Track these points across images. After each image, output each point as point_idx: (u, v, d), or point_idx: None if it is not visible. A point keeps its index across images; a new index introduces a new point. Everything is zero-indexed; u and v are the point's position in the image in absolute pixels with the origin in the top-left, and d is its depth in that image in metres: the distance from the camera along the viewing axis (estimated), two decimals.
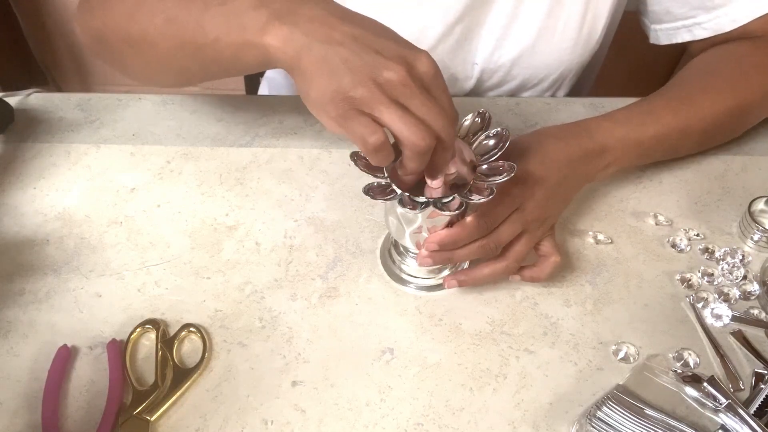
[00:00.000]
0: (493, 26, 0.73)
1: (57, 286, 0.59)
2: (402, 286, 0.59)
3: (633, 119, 0.62)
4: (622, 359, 0.54)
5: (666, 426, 0.49)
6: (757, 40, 0.69)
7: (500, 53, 0.75)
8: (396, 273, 0.60)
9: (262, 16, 0.45)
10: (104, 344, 0.55)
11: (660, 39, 0.76)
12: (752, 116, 0.69)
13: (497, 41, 0.74)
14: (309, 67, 0.44)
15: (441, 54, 0.74)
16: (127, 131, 0.73)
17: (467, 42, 0.74)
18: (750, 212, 0.61)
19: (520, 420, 0.51)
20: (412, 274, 0.59)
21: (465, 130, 0.53)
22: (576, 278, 0.60)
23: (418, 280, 0.59)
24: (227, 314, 0.57)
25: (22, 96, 0.76)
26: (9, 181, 0.68)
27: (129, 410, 0.51)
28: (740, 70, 0.67)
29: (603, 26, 0.75)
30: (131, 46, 0.56)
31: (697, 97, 0.64)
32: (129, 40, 0.56)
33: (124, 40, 0.57)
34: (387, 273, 0.60)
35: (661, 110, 0.63)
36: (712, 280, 0.60)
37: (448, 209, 0.48)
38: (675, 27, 0.73)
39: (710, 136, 0.67)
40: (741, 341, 0.55)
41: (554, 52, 0.75)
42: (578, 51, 0.76)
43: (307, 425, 0.51)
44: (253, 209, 0.65)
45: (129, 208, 0.65)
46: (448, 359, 0.55)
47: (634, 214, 0.65)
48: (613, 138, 0.60)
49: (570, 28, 0.73)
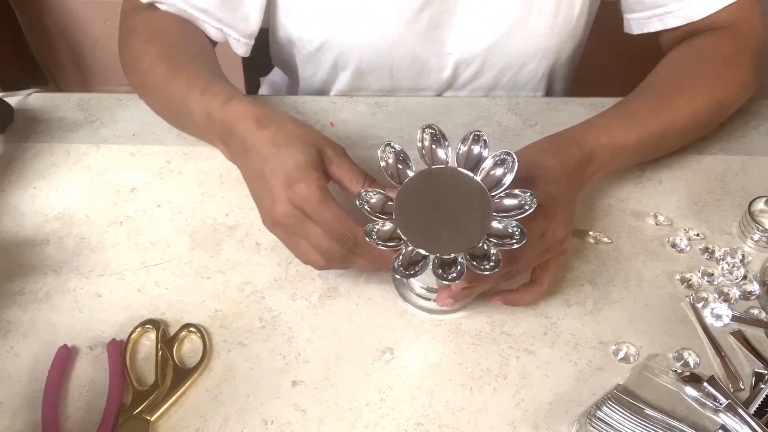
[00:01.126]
0: (464, 14, 0.73)
1: (57, 286, 0.59)
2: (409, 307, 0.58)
3: (615, 124, 0.61)
4: (622, 359, 0.54)
5: (666, 426, 0.49)
6: (724, 31, 0.69)
7: (474, 42, 0.75)
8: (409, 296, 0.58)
9: (215, 133, 0.60)
10: (104, 344, 0.55)
11: (632, 28, 0.76)
12: (728, 109, 0.69)
13: (469, 30, 0.74)
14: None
15: (411, 42, 0.74)
16: (127, 131, 0.73)
17: (438, 30, 0.74)
18: (750, 212, 0.61)
19: (520, 420, 0.51)
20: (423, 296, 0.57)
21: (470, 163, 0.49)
22: (576, 278, 0.60)
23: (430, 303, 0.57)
24: (227, 314, 0.57)
25: (22, 96, 0.76)
26: (9, 181, 0.68)
27: (129, 410, 0.51)
28: (713, 65, 0.67)
29: (579, 12, 0.74)
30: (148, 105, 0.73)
31: (676, 96, 0.64)
32: (144, 101, 0.73)
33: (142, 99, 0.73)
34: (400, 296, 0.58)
35: (641, 113, 0.63)
36: (712, 280, 0.60)
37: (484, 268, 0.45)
38: (647, 16, 0.73)
39: (690, 133, 0.67)
40: (741, 341, 0.55)
41: (530, 39, 0.75)
42: (555, 38, 0.75)
43: (307, 425, 0.51)
44: (253, 209, 0.65)
45: (129, 208, 0.65)
46: (448, 359, 0.55)
47: (634, 214, 0.65)
48: (599, 145, 0.59)
49: (545, 15, 0.73)
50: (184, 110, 0.62)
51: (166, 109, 0.69)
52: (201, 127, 0.61)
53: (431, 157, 0.50)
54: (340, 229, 0.50)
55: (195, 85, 0.61)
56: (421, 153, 0.50)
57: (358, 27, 0.73)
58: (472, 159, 0.49)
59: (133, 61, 0.69)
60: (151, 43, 0.68)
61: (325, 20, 0.73)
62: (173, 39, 0.68)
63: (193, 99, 0.60)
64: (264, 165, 0.52)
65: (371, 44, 0.74)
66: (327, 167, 0.53)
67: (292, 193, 0.50)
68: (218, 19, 0.70)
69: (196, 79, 0.61)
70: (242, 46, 0.73)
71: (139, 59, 0.68)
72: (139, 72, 0.68)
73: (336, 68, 0.78)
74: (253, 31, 0.73)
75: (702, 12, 0.69)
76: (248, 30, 0.72)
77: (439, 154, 0.50)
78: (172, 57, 0.66)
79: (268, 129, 0.54)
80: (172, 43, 0.68)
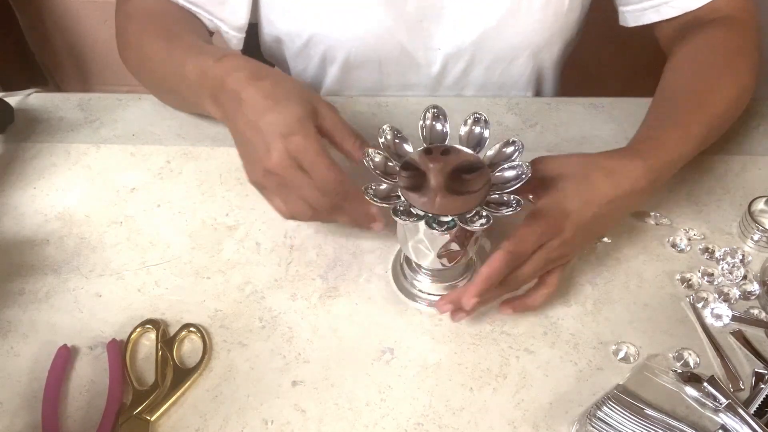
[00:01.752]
0: (452, 7, 0.73)
1: (57, 286, 0.59)
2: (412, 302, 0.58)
3: (672, 137, 0.59)
4: (622, 359, 0.54)
5: (666, 426, 0.49)
6: (726, 22, 0.69)
7: (462, 36, 0.75)
8: (407, 289, 0.59)
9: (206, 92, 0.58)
10: (104, 344, 0.55)
11: (628, 21, 0.75)
12: (748, 97, 0.68)
13: (457, 23, 0.74)
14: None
15: (398, 35, 0.74)
16: (127, 131, 0.73)
17: (425, 23, 0.74)
18: (750, 212, 0.61)
19: (520, 420, 0.51)
20: (423, 290, 0.58)
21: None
22: (576, 278, 0.60)
23: (430, 296, 0.58)
24: (227, 314, 0.57)
25: (22, 96, 0.76)
26: (9, 181, 0.68)
27: (129, 410, 0.51)
28: (729, 57, 0.67)
29: (569, 6, 0.74)
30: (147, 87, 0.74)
31: (708, 96, 0.63)
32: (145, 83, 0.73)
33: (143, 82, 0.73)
34: (399, 290, 0.59)
35: (686, 121, 0.61)
36: (712, 280, 0.60)
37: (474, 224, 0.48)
38: (642, 8, 0.72)
39: (722, 129, 0.67)
40: (741, 341, 0.55)
41: (519, 33, 0.74)
42: (545, 33, 0.75)
43: (307, 425, 0.51)
44: (253, 209, 0.65)
45: (129, 208, 0.65)
46: (448, 359, 0.55)
47: (634, 214, 0.65)
48: (662, 162, 0.57)
49: (534, 8, 0.72)
50: (180, 75, 0.60)
51: (161, 80, 0.68)
52: (194, 88, 0.59)
53: (431, 134, 0.53)
54: (333, 182, 0.52)
55: (191, 49, 0.61)
56: (422, 131, 0.53)
57: (345, 20, 0.73)
58: (473, 138, 0.53)
59: (131, 42, 0.70)
60: (149, 24, 0.68)
61: (311, 14, 0.73)
62: (170, 19, 0.69)
63: (188, 62, 0.59)
64: (259, 117, 0.52)
65: (358, 37, 0.74)
66: (320, 123, 0.55)
67: (289, 143, 0.51)
68: (208, 11, 0.72)
69: (192, 46, 0.62)
70: (233, 38, 0.75)
71: (138, 38, 0.68)
72: (137, 50, 0.68)
73: (324, 63, 0.79)
74: (242, 24, 0.74)
75: (699, 1, 0.69)
76: (237, 23, 0.73)
77: (440, 132, 0.53)
78: (170, 32, 0.66)
79: (263, 81, 0.53)
80: (169, 22, 0.69)
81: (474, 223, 0.48)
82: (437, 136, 0.53)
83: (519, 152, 0.51)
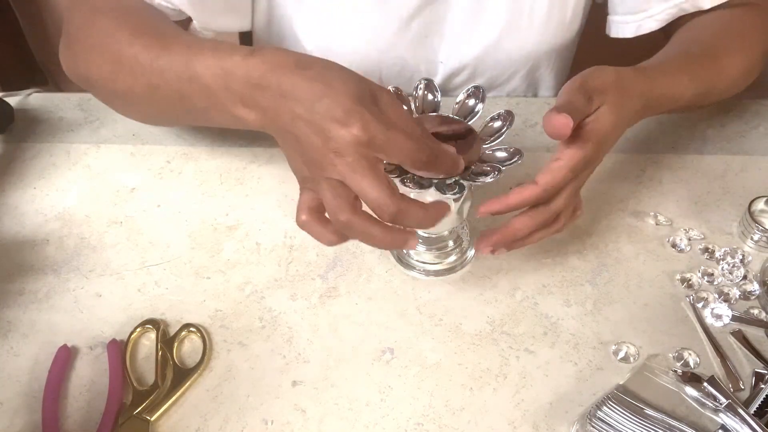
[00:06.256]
0: (454, 22, 0.73)
1: (57, 286, 0.59)
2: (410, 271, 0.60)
3: (677, 76, 0.59)
4: (622, 359, 0.54)
5: (666, 426, 0.49)
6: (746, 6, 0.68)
7: (464, 50, 0.75)
8: (404, 259, 0.60)
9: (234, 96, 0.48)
10: (104, 344, 0.55)
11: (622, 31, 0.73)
12: (754, 75, 0.68)
13: (460, 38, 0.74)
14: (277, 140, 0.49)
15: (401, 51, 0.74)
16: (127, 131, 0.73)
17: (428, 39, 0.74)
18: (750, 212, 0.61)
19: (520, 420, 0.51)
20: (420, 259, 0.60)
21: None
22: (576, 278, 0.60)
23: (426, 265, 0.60)
24: (227, 314, 0.57)
25: (22, 96, 0.76)
26: (9, 181, 0.68)
27: (129, 410, 0.51)
28: (743, 31, 0.66)
29: (571, 18, 0.74)
30: (117, 98, 0.60)
31: (723, 57, 0.63)
32: (115, 94, 0.59)
33: (110, 93, 0.60)
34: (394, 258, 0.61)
35: (693, 69, 0.61)
36: (712, 280, 0.60)
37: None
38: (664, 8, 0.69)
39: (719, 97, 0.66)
40: (741, 341, 0.55)
41: (522, 46, 0.75)
42: (545, 46, 0.75)
43: (307, 425, 0.51)
44: (253, 209, 0.65)
45: (129, 208, 0.65)
46: (448, 359, 0.55)
47: (634, 214, 0.65)
48: (660, 94, 0.57)
49: (535, 23, 0.72)
50: (184, 80, 0.51)
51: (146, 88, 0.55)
52: (210, 93, 0.50)
53: (423, 104, 0.55)
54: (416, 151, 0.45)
55: (200, 47, 0.51)
56: (415, 102, 0.55)
57: (348, 34, 0.73)
58: (465, 109, 0.55)
59: (102, 40, 0.57)
60: (125, 18, 0.58)
61: (314, 28, 0.73)
62: (151, 15, 0.60)
63: (199, 60, 0.50)
64: (309, 106, 0.45)
65: (360, 51, 0.74)
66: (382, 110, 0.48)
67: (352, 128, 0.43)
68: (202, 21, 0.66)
69: (199, 43, 0.52)
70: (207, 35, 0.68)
71: (113, 35, 0.57)
72: (111, 50, 0.56)
73: None
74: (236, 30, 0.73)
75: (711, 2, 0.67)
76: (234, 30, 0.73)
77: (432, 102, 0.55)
78: (158, 29, 0.56)
79: (310, 70, 0.46)
80: (151, 19, 0.59)
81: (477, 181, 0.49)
82: (429, 105, 0.55)
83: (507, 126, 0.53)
